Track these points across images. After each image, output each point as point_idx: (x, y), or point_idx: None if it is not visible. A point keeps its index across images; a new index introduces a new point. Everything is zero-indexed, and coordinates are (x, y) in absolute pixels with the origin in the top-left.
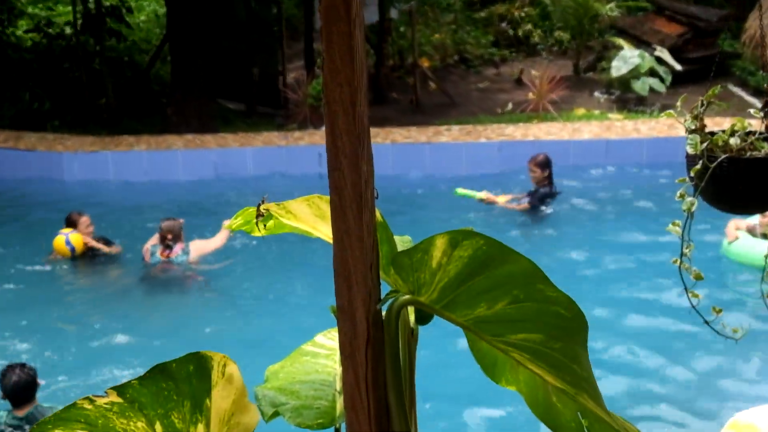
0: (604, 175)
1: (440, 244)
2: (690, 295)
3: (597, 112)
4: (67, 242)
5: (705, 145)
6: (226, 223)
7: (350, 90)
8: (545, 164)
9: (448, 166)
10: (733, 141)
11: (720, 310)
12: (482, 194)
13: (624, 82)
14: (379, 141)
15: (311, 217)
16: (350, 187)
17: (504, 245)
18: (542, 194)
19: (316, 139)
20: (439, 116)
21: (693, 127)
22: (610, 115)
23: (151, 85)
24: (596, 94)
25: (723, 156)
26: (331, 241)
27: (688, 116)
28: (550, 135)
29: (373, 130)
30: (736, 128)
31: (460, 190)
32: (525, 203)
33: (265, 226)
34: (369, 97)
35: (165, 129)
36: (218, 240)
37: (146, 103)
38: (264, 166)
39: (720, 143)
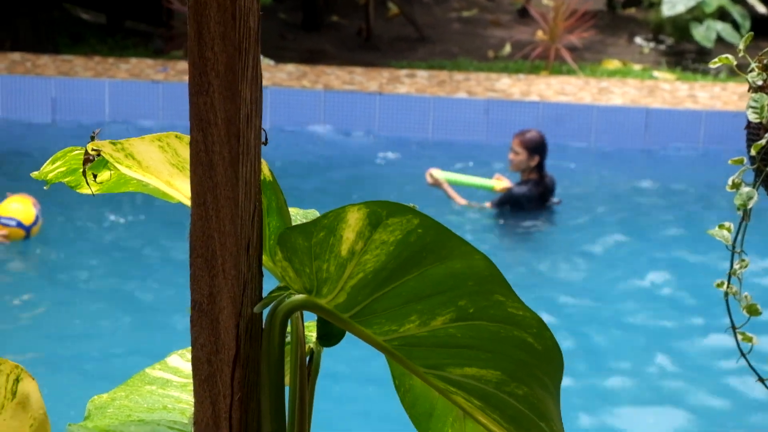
0: (640, 160)
1: (354, 220)
2: (739, 337)
3: (637, 67)
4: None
5: None
6: None
7: None
8: (537, 146)
9: (407, 128)
10: None
11: None
12: (474, 180)
13: (680, 27)
14: (307, 85)
15: (165, 167)
16: (222, 122)
17: (448, 230)
18: (519, 195)
19: None
20: (400, 56)
21: (760, 83)
22: (657, 73)
23: None
24: (638, 40)
25: None
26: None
27: (754, 66)
28: (564, 95)
29: (299, 68)
30: None
31: (437, 174)
32: (486, 202)
33: (95, 177)
34: (297, 20)
35: None
36: None
37: None
38: (130, 111)
39: None
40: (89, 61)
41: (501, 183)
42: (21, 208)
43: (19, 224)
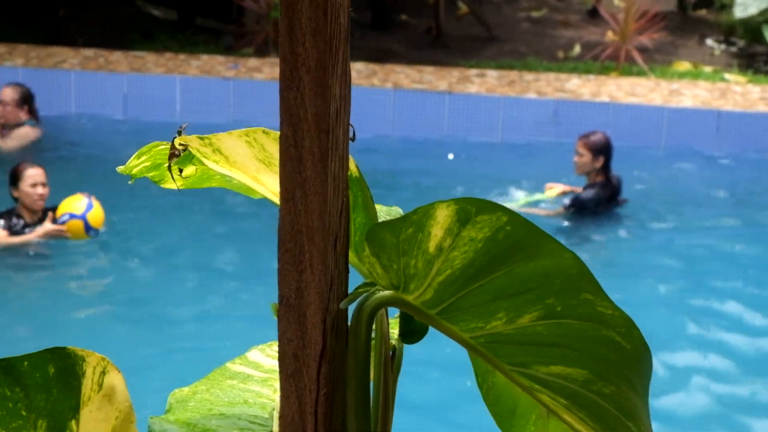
0: (712, 164)
1: (443, 217)
2: None
3: (708, 69)
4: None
5: None
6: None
7: None
8: (602, 149)
9: (476, 128)
10: None
11: None
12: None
13: (752, 29)
14: (376, 83)
15: (252, 163)
16: (312, 117)
17: (537, 228)
18: (587, 200)
19: None
20: (470, 55)
21: None
22: (728, 76)
23: None
24: (709, 42)
25: None
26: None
27: None
28: (634, 97)
29: (368, 67)
30: None
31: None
32: (559, 207)
33: (181, 172)
34: (366, 19)
35: (53, 39)
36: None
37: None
38: (199, 107)
39: None
40: (160, 58)
41: (553, 190)
42: (69, 203)
43: (72, 215)
